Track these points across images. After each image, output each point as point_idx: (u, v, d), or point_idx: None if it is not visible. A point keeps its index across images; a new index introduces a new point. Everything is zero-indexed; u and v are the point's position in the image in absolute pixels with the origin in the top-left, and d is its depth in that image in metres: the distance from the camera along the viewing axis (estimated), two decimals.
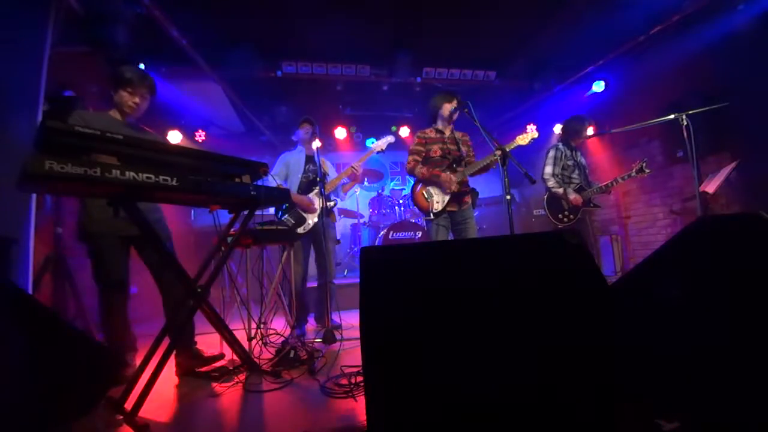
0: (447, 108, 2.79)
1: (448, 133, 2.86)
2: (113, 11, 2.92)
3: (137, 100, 2.02)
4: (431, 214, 2.71)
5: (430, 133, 2.86)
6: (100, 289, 1.93)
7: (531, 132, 2.60)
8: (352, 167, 3.04)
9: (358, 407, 1.46)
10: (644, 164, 3.02)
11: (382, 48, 4.09)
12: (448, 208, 2.71)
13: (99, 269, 1.92)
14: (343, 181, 3.12)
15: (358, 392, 1.58)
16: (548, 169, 3.37)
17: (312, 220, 2.96)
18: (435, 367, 0.94)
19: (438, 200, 2.71)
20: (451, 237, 2.78)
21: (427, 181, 2.78)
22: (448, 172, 2.72)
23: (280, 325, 2.75)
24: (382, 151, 3.27)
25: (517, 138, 2.57)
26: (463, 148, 2.82)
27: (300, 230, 2.92)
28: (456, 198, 2.72)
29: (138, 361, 1.91)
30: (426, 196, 2.75)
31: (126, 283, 1.98)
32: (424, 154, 2.83)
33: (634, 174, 3.05)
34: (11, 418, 1.08)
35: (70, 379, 1.24)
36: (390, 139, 3.29)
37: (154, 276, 2.02)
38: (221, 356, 2.11)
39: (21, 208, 2.00)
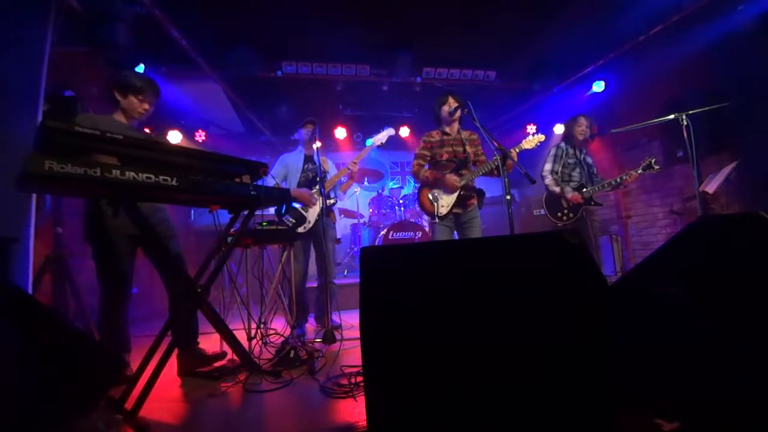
0: (444, 110, 2.78)
1: (454, 134, 2.83)
2: (113, 11, 2.92)
3: (147, 106, 2.07)
4: (436, 218, 2.70)
5: (436, 135, 2.85)
6: (102, 288, 1.93)
7: (537, 136, 2.53)
8: (348, 166, 3.04)
9: (358, 407, 1.46)
10: (653, 161, 2.94)
11: (382, 48, 4.09)
12: (454, 211, 2.70)
13: (104, 268, 1.92)
14: (341, 180, 3.12)
15: (358, 392, 1.57)
16: (547, 166, 3.36)
17: (312, 218, 2.95)
18: (435, 367, 0.94)
19: (443, 204, 2.71)
20: (455, 237, 2.78)
21: (431, 184, 2.77)
22: (452, 174, 2.71)
23: (280, 325, 2.75)
24: (382, 145, 3.26)
25: (523, 141, 2.52)
26: (470, 149, 2.78)
27: (300, 229, 2.91)
28: (461, 201, 2.70)
29: (131, 361, 1.91)
30: (431, 199, 2.74)
31: (130, 283, 1.98)
32: (429, 158, 2.82)
33: (641, 171, 2.98)
34: (11, 417, 1.08)
35: (70, 379, 1.24)
36: (390, 131, 3.28)
37: (161, 275, 2.03)
38: (223, 355, 2.11)
39: (21, 208, 2.00)
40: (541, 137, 2.54)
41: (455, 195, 2.69)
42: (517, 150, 2.48)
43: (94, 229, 1.91)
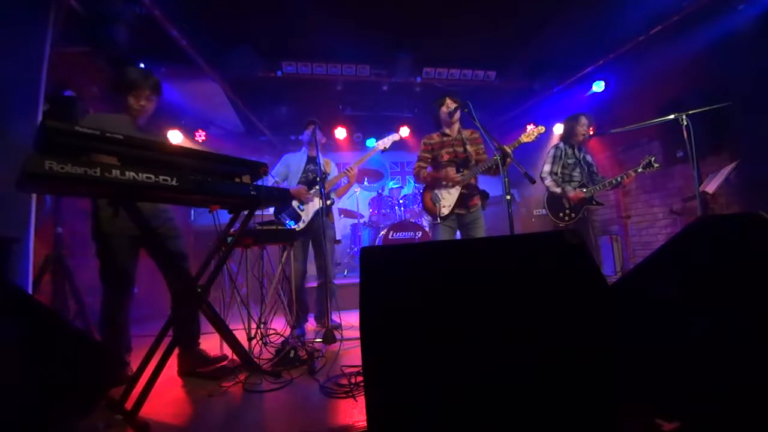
0: (443, 111, 2.79)
1: (454, 134, 2.83)
2: (113, 11, 2.92)
3: (143, 102, 2.03)
4: (438, 218, 2.70)
5: (435, 137, 2.86)
6: (104, 288, 1.93)
7: (537, 128, 2.52)
8: (345, 172, 3.04)
9: (358, 407, 1.46)
10: (652, 159, 2.95)
11: (382, 48, 4.09)
12: (456, 211, 2.70)
13: (106, 268, 1.93)
14: (341, 182, 3.11)
15: (358, 392, 1.58)
16: (546, 168, 3.36)
17: (307, 217, 2.95)
18: (435, 367, 0.94)
19: (445, 204, 2.70)
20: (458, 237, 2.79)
21: (431, 184, 2.79)
22: (449, 168, 2.71)
23: (280, 325, 2.75)
24: (386, 149, 3.26)
25: (522, 136, 2.51)
26: (471, 148, 2.77)
27: (294, 227, 2.91)
28: (463, 201, 2.70)
29: (131, 361, 1.91)
30: (433, 200, 2.75)
31: (132, 284, 1.99)
32: (430, 160, 2.84)
33: (641, 170, 2.99)
34: (11, 418, 1.08)
35: (70, 379, 1.24)
36: (395, 137, 3.28)
37: (164, 275, 2.03)
38: (224, 358, 2.11)
39: (21, 208, 2.00)
40: (542, 129, 2.52)
41: (456, 194, 2.69)
42: (515, 144, 2.45)
43: (97, 229, 1.92)
